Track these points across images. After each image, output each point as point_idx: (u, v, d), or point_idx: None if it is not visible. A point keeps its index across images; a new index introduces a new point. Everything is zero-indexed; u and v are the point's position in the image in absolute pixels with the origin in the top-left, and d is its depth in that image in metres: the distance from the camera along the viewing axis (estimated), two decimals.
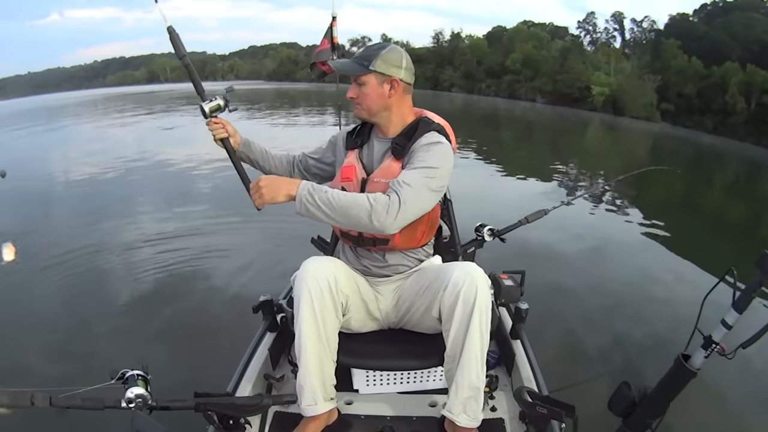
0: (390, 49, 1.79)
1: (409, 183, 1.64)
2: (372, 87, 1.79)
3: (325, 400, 1.79)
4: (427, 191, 1.69)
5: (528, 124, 31.92)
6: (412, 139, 1.80)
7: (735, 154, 26.53)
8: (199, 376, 2.79)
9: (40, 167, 10.22)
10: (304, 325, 1.70)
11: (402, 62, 1.79)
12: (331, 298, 1.72)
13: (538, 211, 2.74)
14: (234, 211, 6.54)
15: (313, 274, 1.70)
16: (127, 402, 1.33)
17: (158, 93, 47.73)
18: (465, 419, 1.75)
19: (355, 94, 1.82)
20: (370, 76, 1.77)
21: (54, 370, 3.07)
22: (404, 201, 1.60)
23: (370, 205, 1.58)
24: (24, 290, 4.20)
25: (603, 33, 66.67)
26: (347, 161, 1.92)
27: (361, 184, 1.85)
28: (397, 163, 1.80)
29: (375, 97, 1.80)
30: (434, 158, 1.72)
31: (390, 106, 1.83)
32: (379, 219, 1.58)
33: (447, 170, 1.77)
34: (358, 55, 1.83)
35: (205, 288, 4.34)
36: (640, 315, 4.04)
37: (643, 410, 1.70)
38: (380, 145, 1.90)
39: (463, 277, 1.66)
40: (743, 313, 1.53)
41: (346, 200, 1.60)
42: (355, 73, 1.80)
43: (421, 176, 1.67)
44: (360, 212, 1.58)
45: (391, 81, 1.78)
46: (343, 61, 1.94)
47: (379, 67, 1.76)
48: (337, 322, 1.78)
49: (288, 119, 22.14)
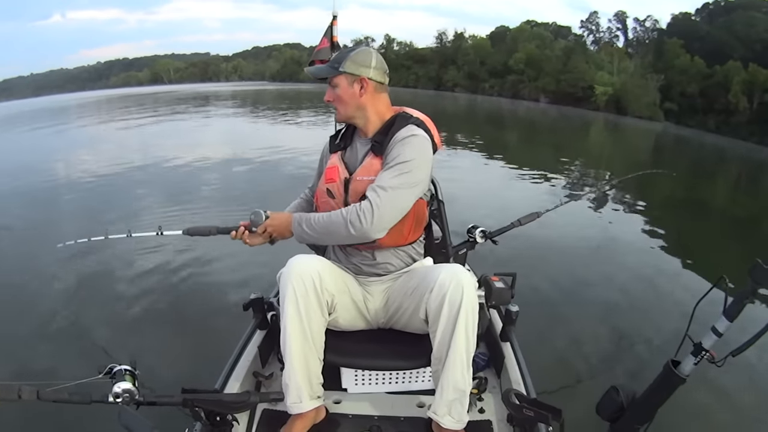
0: (359, 51, 1.83)
1: (383, 185, 1.69)
2: (344, 88, 1.83)
3: (311, 398, 1.79)
4: (403, 189, 1.71)
5: (530, 123, 31.97)
6: (389, 134, 1.82)
7: (738, 154, 26.47)
8: (188, 373, 2.79)
9: (45, 166, 10.28)
10: (289, 323, 1.71)
11: (371, 62, 1.82)
12: (316, 296, 1.72)
13: (530, 214, 2.73)
14: (228, 209, 6.57)
15: (298, 271, 1.71)
16: (114, 397, 1.33)
17: (161, 94, 47.89)
18: (450, 421, 1.74)
19: (331, 96, 1.87)
20: (340, 77, 1.82)
21: (42, 362, 3.09)
22: (377, 205, 1.66)
23: (343, 219, 1.69)
24: (21, 286, 4.20)
25: (606, 32, 67.02)
26: (330, 163, 1.95)
27: (344, 183, 1.86)
28: (377, 160, 1.81)
29: (347, 97, 1.84)
30: (409, 151, 1.74)
31: (363, 106, 1.85)
32: (355, 228, 1.67)
33: (424, 161, 1.78)
34: (332, 58, 1.88)
35: (195, 285, 4.33)
36: (631, 320, 4.01)
37: (631, 415, 1.69)
38: (362, 146, 1.92)
39: (449, 279, 1.65)
40: (734, 321, 1.52)
41: (323, 220, 1.75)
42: (326, 75, 1.85)
43: (396, 174, 1.71)
44: (338, 228, 1.71)
45: (360, 80, 1.81)
46: (317, 68, 1.98)
47: (348, 68, 1.80)
48: (322, 320, 1.78)
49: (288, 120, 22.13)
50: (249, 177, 9.06)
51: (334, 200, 1.88)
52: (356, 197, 1.81)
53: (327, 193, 1.90)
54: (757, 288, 1.47)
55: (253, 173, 9.34)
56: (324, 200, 1.91)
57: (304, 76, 3.35)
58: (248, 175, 9.24)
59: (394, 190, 1.69)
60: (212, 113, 25.66)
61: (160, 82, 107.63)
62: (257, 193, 7.72)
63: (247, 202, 6.63)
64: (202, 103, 32.64)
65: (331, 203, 1.88)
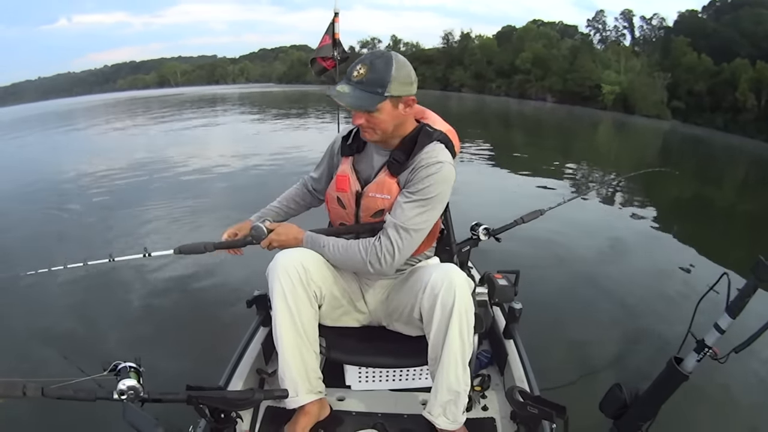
0: (398, 66, 1.62)
1: (406, 227, 1.67)
2: (387, 112, 1.65)
3: (307, 392, 1.78)
4: (426, 227, 1.72)
5: (537, 122, 31.80)
6: (411, 154, 1.71)
7: (746, 152, 26.24)
8: (192, 370, 2.81)
9: (52, 168, 10.35)
10: (280, 318, 1.71)
11: (412, 76, 1.67)
12: (303, 289, 1.71)
13: (534, 211, 2.71)
14: (231, 206, 6.58)
15: (283, 265, 1.70)
16: (119, 394, 1.32)
17: (169, 97, 48.04)
18: (444, 422, 1.74)
19: (365, 120, 1.68)
20: (385, 102, 1.63)
21: (46, 360, 3.10)
22: (399, 249, 1.68)
23: (362, 258, 1.71)
24: (28, 285, 4.23)
25: (612, 31, 66.75)
26: (341, 169, 1.86)
27: (355, 197, 1.81)
28: (392, 180, 1.73)
29: (391, 120, 1.67)
30: (434, 186, 1.66)
31: (403, 122, 1.73)
32: (375, 268, 1.70)
33: (446, 194, 1.72)
34: (364, 79, 1.62)
35: (199, 282, 4.33)
36: (634, 316, 3.99)
37: (635, 412, 1.69)
38: (378, 157, 1.82)
39: (441, 279, 1.62)
40: (736, 318, 1.52)
41: (339, 252, 1.75)
42: (373, 108, 1.63)
43: (420, 212, 1.67)
44: (355, 263, 1.75)
45: (405, 100, 1.67)
46: (349, 92, 1.64)
47: (395, 90, 1.61)
48: (312, 312, 1.77)
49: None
50: (255, 182, 8.97)
51: (345, 210, 1.85)
52: (368, 213, 1.79)
53: (338, 202, 1.86)
54: (760, 284, 1.47)
55: (260, 178, 9.26)
56: (334, 207, 1.89)
57: (311, 78, 3.28)
58: (254, 179, 9.15)
59: (417, 231, 1.68)
60: (220, 116, 25.68)
61: (167, 85, 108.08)
62: (257, 199, 7.59)
63: (249, 209, 6.61)
64: (209, 105, 32.68)
65: (342, 212, 1.86)
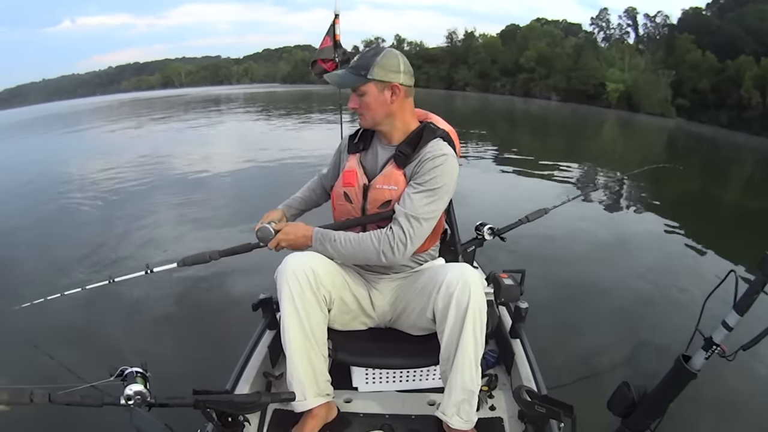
0: (386, 54, 1.73)
1: (417, 215, 1.69)
2: (373, 96, 1.74)
3: (315, 396, 1.78)
4: (435, 216, 1.74)
5: (542, 121, 31.76)
6: (417, 147, 1.77)
7: (751, 149, 26.07)
8: (199, 374, 2.79)
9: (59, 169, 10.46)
10: (288, 322, 1.71)
11: (400, 66, 1.74)
12: (313, 293, 1.71)
13: (538, 210, 2.70)
14: (237, 210, 6.61)
15: (292, 269, 1.70)
16: (126, 399, 1.32)
17: (173, 98, 48.14)
18: (458, 421, 1.73)
19: (357, 104, 1.78)
20: (369, 85, 1.72)
21: (53, 367, 3.08)
22: (411, 237, 1.70)
23: (375, 248, 1.72)
24: (35, 286, 4.23)
25: (616, 29, 66.58)
26: (348, 165, 1.90)
27: (362, 190, 1.83)
28: (398, 171, 1.78)
29: (377, 105, 1.75)
30: (441, 176, 1.71)
31: (393, 113, 1.78)
32: (387, 258, 1.72)
33: (453, 186, 1.77)
34: (353, 64, 1.77)
35: (205, 286, 4.34)
36: (641, 314, 3.98)
37: (643, 411, 1.68)
38: (383, 151, 1.87)
39: (457, 278, 1.63)
40: (744, 315, 1.51)
41: (351, 245, 1.75)
42: (354, 85, 1.75)
43: (429, 201, 1.71)
44: (368, 254, 1.74)
45: (391, 87, 1.73)
46: (339, 73, 1.85)
47: (377, 74, 1.71)
48: (322, 317, 1.77)
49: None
50: (261, 183, 8.96)
51: (351, 205, 1.86)
52: (375, 205, 1.80)
53: (344, 197, 1.87)
54: (767, 281, 1.46)
55: (265, 179, 9.27)
56: (341, 203, 1.90)
57: (315, 78, 3.27)
58: (260, 180, 9.17)
59: (427, 220, 1.71)
60: (225, 116, 25.73)
61: (172, 86, 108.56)
62: (265, 200, 7.58)
63: (256, 211, 6.60)
64: (214, 106, 32.75)
65: (348, 207, 1.87)
